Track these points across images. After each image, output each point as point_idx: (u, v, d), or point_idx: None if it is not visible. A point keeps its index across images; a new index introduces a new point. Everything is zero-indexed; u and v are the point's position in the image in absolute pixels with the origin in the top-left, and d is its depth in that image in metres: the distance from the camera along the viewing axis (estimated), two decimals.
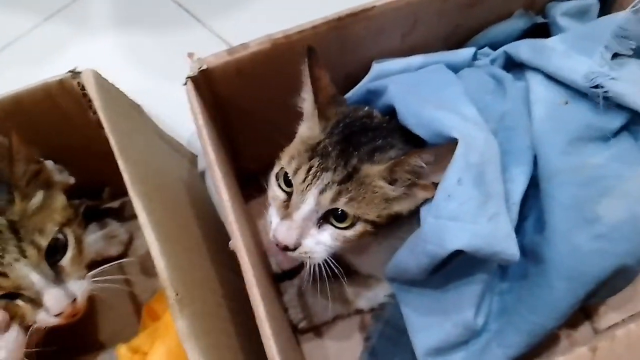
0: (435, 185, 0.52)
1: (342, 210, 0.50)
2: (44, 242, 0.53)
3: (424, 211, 0.52)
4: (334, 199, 0.50)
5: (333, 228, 0.51)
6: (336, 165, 0.50)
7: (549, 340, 0.60)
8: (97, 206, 0.74)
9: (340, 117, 0.54)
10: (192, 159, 0.78)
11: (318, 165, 0.51)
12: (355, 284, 0.67)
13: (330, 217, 0.51)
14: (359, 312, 0.68)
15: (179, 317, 0.46)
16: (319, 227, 0.52)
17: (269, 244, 0.57)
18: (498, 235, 0.48)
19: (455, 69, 0.64)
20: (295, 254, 0.52)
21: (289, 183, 0.53)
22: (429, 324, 0.57)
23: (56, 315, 0.53)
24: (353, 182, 0.50)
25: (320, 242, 0.52)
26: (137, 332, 0.64)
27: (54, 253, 0.54)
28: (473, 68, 0.65)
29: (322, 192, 0.50)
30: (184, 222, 0.60)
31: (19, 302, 0.53)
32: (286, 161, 0.53)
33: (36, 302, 0.52)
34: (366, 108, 0.57)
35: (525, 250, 0.55)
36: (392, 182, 0.51)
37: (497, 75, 0.62)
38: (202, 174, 0.80)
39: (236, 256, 0.50)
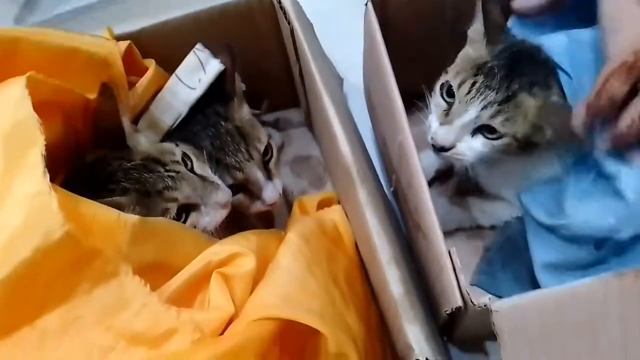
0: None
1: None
2: (262, 147, 0.66)
3: None
4: (492, 117, 0.58)
5: (484, 138, 0.60)
6: (499, 86, 0.57)
7: None
8: (259, 115, 0.86)
9: (507, 44, 0.60)
10: (340, 81, 0.88)
11: (482, 82, 0.58)
12: (480, 202, 0.76)
13: (482, 128, 0.59)
14: (480, 227, 0.77)
15: (361, 187, 0.56)
16: (472, 135, 0.60)
17: None
18: None
19: None
20: (448, 154, 0.61)
21: (450, 95, 0.61)
22: (552, 243, 0.64)
23: (269, 205, 0.66)
24: (510, 104, 0.57)
25: (472, 148, 0.60)
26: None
27: (264, 156, 0.67)
28: None
29: (483, 108, 0.58)
30: (350, 128, 0.71)
31: (240, 195, 0.65)
32: (452, 75, 0.61)
33: (253, 194, 0.65)
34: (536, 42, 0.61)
35: None
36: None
37: None
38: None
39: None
